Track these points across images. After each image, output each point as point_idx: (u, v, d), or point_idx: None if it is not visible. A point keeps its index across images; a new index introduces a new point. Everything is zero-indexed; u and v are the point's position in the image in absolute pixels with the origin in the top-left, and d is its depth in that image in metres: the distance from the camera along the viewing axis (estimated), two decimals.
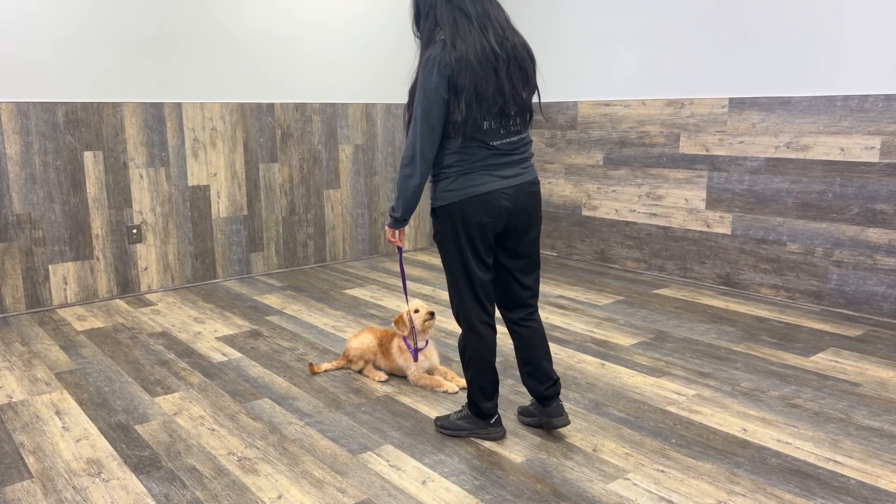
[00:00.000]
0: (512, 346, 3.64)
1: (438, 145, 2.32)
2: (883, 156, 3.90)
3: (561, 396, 2.99)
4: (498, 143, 2.34)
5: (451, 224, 2.37)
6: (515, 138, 2.38)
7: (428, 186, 2.43)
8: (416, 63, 2.35)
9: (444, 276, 3.46)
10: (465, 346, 2.51)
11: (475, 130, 2.28)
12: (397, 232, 2.50)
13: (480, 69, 2.22)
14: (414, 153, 2.30)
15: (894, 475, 2.34)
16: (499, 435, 2.60)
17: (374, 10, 5.47)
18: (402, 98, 5.72)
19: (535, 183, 2.46)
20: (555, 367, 3.33)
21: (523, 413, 2.75)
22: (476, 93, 2.22)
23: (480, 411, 2.56)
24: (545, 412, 2.59)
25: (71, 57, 4.23)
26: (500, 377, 3.21)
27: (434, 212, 2.43)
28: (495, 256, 2.48)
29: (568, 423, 2.57)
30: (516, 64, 2.31)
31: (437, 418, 2.71)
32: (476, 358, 2.49)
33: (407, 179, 2.34)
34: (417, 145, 2.29)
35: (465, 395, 2.80)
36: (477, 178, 2.33)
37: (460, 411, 2.66)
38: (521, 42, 2.34)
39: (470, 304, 2.45)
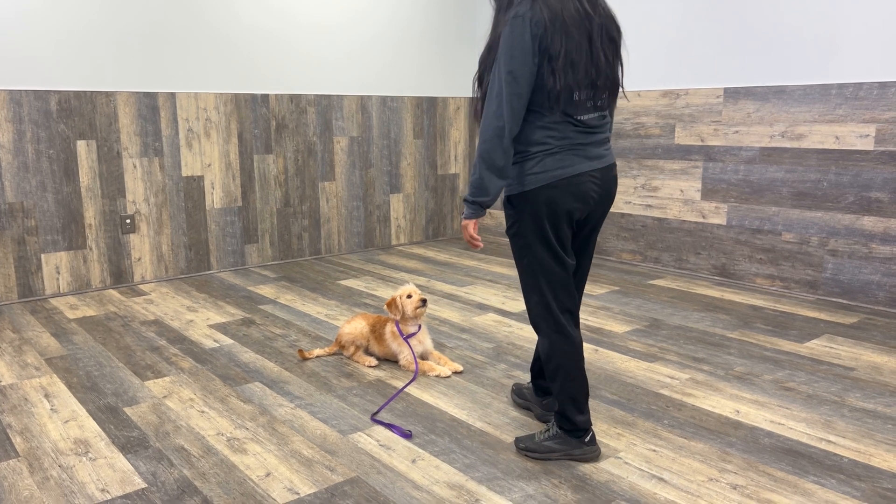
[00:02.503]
0: (502, 334, 3.62)
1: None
2: (878, 143, 3.89)
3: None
4: (586, 117, 2.08)
5: (534, 213, 2.09)
6: (600, 114, 2.12)
7: None
8: (492, 27, 2.07)
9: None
10: (550, 353, 2.21)
11: (567, 103, 2.02)
12: (473, 224, 2.17)
13: (575, 32, 1.97)
14: (499, 127, 1.99)
15: (887, 454, 2.33)
16: (595, 455, 2.28)
17: (370, 2, 5.47)
18: (398, 91, 5.72)
19: (616, 167, 2.22)
20: None
21: (517, 393, 2.70)
22: (570, 59, 1.97)
23: (574, 426, 2.25)
24: (539, 403, 2.57)
25: (64, 45, 4.21)
26: (492, 361, 3.20)
27: (510, 200, 2.14)
28: None
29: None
30: (607, 33, 2.07)
31: (519, 440, 2.36)
32: (565, 365, 2.20)
33: (490, 159, 2.02)
34: (505, 115, 1.97)
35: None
36: (566, 159, 2.06)
37: (547, 430, 2.33)
38: (611, 10, 2.10)
39: (556, 304, 2.17)
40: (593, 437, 2.29)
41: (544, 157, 2.06)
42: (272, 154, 5.15)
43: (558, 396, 2.24)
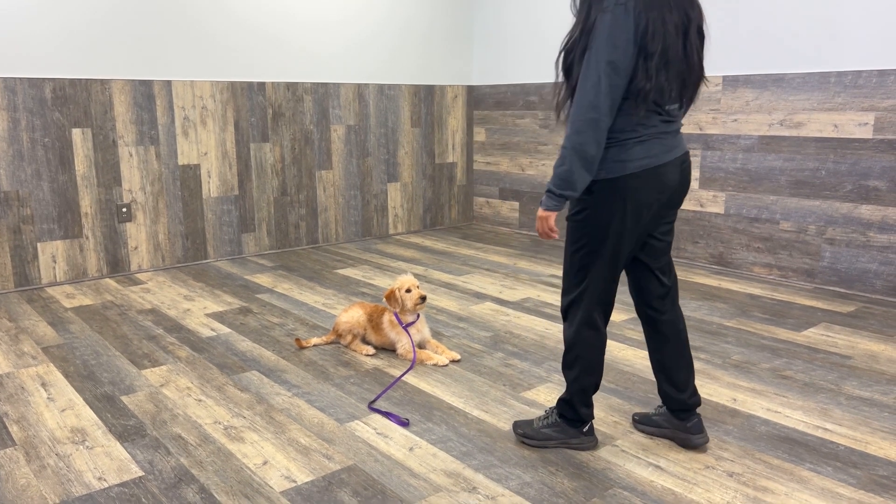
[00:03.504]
0: (500, 323, 3.62)
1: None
2: (876, 132, 3.88)
3: (551, 369, 2.98)
4: (671, 107, 2.02)
5: (616, 202, 2.01)
6: (680, 104, 2.05)
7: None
8: (583, 12, 1.94)
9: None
10: (574, 342, 2.17)
11: (658, 96, 1.95)
12: (553, 217, 2.07)
13: (672, 28, 1.91)
14: (594, 119, 1.89)
15: (883, 441, 2.33)
16: (592, 444, 2.29)
17: None
18: (395, 79, 5.69)
19: (689, 155, 2.15)
20: (544, 342, 3.32)
21: (644, 422, 2.42)
22: (665, 59, 1.91)
23: (578, 416, 2.24)
24: (682, 427, 2.28)
25: (58, 32, 4.18)
26: (490, 350, 3.19)
27: (588, 185, 2.02)
28: None
29: (707, 441, 2.28)
30: (698, 26, 1.99)
31: (518, 425, 2.36)
32: (587, 356, 2.17)
33: (582, 151, 1.92)
34: (602, 107, 1.88)
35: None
36: (653, 148, 2.00)
37: (546, 417, 2.32)
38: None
39: (600, 296, 2.12)
40: (592, 427, 2.29)
41: (634, 144, 1.99)
42: (269, 142, 5.12)
43: (570, 385, 2.22)
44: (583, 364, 2.18)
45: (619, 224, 2.03)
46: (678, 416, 2.29)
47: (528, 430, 2.32)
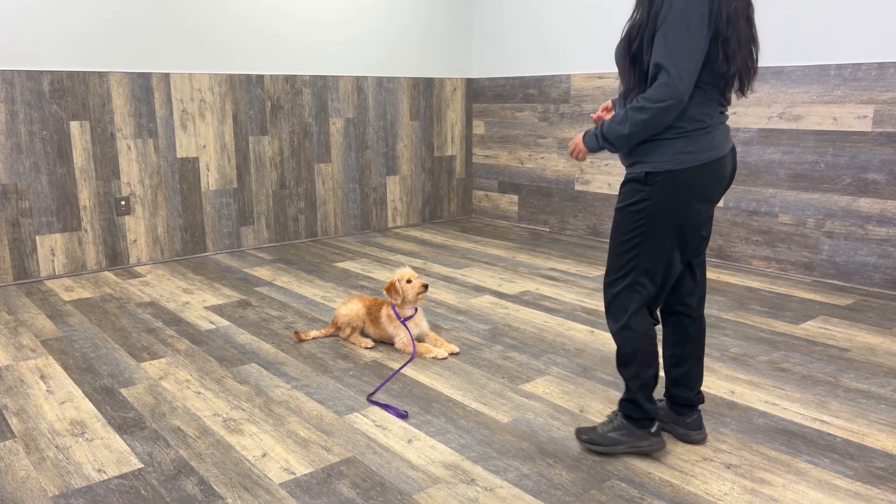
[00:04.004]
0: (499, 316, 3.62)
1: None
2: (875, 125, 3.88)
3: (550, 362, 2.99)
4: (729, 96, 1.99)
5: (679, 196, 1.94)
6: (746, 91, 2.00)
7: (638, 148, 1.98)
8: (640, 4, 1.93)
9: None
10: (624, 339, 2.08)
11: (726, 83, 1.91)
12: (585, 153, 2.11)
13: (741, 12, 1.88)
14: (670, 104, 1.83)
15: (880, 433, 2.34)
16: (661, 446, 2.17)
17: None
18: (394, 72, 5.68)
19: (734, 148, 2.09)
20: (543, 335, 3.32)
21: None
22: (738, 41, 1.87)
23: (645, 414, 2.14)
24: (682, 423, 2.27)
25: (56, 24, 4.16)
26: (489, 343, 3.20)
27: (650, 177, 1.95)
28: None
29: (706, 437, 2.28)
30: (750, 14, 1.95)
31: (582, 431, 2.24)
32: (642, 350, 2.08)
33: (644, 127, 1.89)
34: (680, 87, 1.81)
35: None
36: (716, 139, 1.94)
37: (610, 422, 2.21)
38: None
39: (652, 295, 2.05)
40: (659, 428, 2.18)
41: (701, 135, 1.92)
42: (267, 135, 5.11)
43: (630, 383, 2.12)
44: (642, 359, 2.08)
45: (681, 219, 1.96)
46: (678, 412, 2.28)
47: (592, 435, 2.21)
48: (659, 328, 2.79)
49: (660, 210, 1.96)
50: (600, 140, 2.01)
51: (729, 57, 1.86)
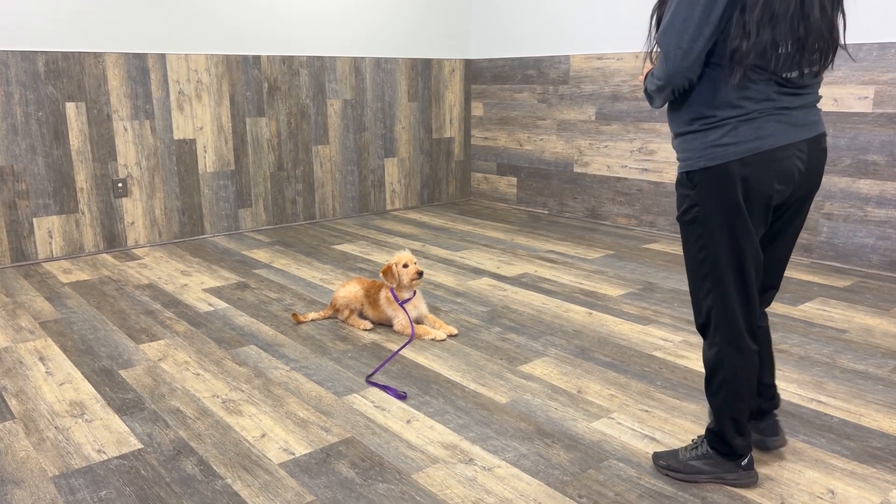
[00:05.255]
0: (497, 298, 3.62)
1: (700, 73, 1.68)
2: (876, 105, 3.86)
3: (548, 343, 2.99)
4: (793, 75, 1.67)
5: (722, 195, 1.71)
6: (811, 71, 1.70)
7: (676, 142, 1.81)
8: None
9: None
10: (717, 364, 1.86)
11: (760, 56, 1.62)
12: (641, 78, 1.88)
13: None
14: (664, 79, 1.69)
15: (877, 413, 2.35)
16: (753, 481, 1.94)
17: None
18: (392, 52, 5.63)
19: (826, 137, 1.80)
20: (541, 317, 3.32)
21: None
22: (769, 11, 1.59)
23: (731, 450, 1.92)
24: (756, 428, 2.06)
25: (51, 4, 4.12)
26: (487, 325, 3.20)
27: (689, 177, 1.76)
28: None
29: (785, 443, 2.08)
30: None
31: (659, 456, 2.04)
32: (734, 380, 1.85)
33: (653, 94, 1.77)
34: (673, 67, 1.65)
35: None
36: (766, 127, 1.67)
37: (694, 448, 1.99)
38: None
39: (737, 307, 1.80)
40: (751, 460, 1.95)
41: (738, 124, 1.67)
42: (265, 117, 5.08)
43: (717, 413, 1.91)
44: (729, 389, 1.86)
45: (733, 221, 1.72)
46: (755, 417, 2.06)
47: (672, 462, 2.01)
48: None
49: (711, 214, 1.74)
50: (653, 90, 1.79)
51: (748, 28, 1.59)
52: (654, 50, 1.76)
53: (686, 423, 2.30)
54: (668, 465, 2.01)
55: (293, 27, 5.09)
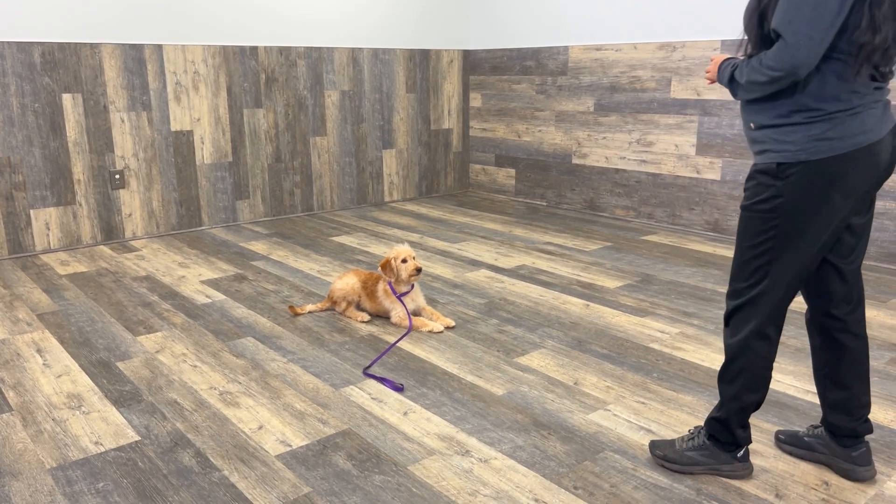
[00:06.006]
0: (494, 290, 3.62)
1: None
2: None
3: (545, 335, 3.00)
4: (887, 69, 1.67)
5: (818, 190, 1.67)
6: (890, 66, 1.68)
7: (763, 133, 1.73)
8: None
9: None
10: (738, 353, 1.85)
11: (883, 52, 1.60)
12: (710, 73, 1.85)
13: None
14: (784, 70, 1.59)
15: (873, 405, 2.36)
16: (747, 472, 1.96)
17: None
18: (390, 43, 5.61)
19: None
20: (538, 309, 3.33)
21: (792, 442, 2.09)
22: (894, 7, 1.58)
23: (733, 439, 1.93)
24: (846, 455, 1.94)
25: None
26: (484, 317, 3.20)
27: (781, 168, 1.70)
28: None
29: (874, 474, 1.94)
30: None
31: (655, 446, 2.05)
32: (752, 369, 1.85)
33: (756, 86, 1.67)
34: (797, 58, 1.56)
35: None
36: (867, 121, 1.65)
37: (691, 439, 2.00)
38: None
39: (777, 301, 1.79)
40: (747, 452, 1.96)
41: (846, 118, 1.63)
42: (262, 108, 5.07)
43: (727, 402, 1.90)
44: (746, 379, 1.85)
45: (820, 216, 1.69)
46: (841, 443, 1.96)
47: (668, 451, 2.01)
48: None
49: (795, 208, 1.70)
50: (726, 77, 1.76)
51: (876, 22, 1.56)
52: (744, 38, 1.73)
53: (682, 415, 2.30)
54: (665, 455, 2.01)
55: (290, 18, 5.06)
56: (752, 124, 1.77)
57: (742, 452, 1.95)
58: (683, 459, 1.98)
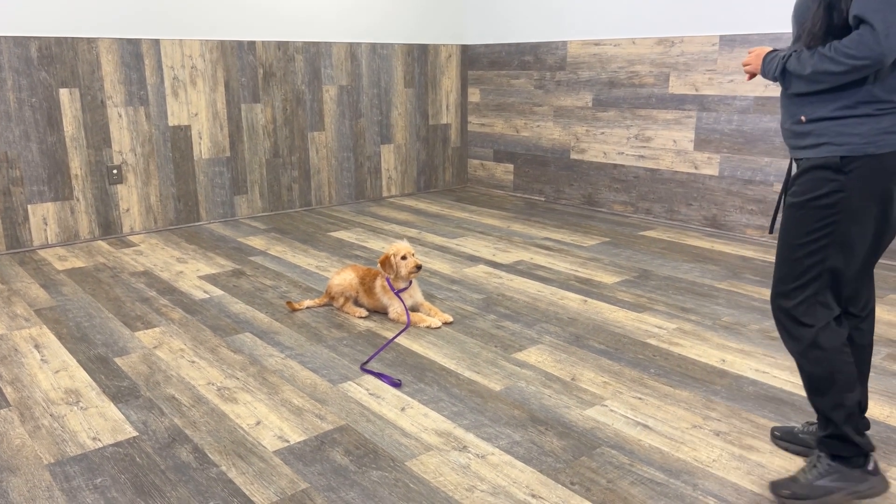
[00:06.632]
0: (492, 285, 3.62)
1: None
2: None
3: (542, 331, 3.00)
4: None
5: (881, 184, 1.65)
6: None
7: (821, 125, 1.68)
8: None
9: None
10: (816, 363, 1.75)
11: None
12: (755, 71, 1.82)
13: None
14: (872, 58, 1.53)
15: (870, 401, 2.35)
16: (884, 487, 1.80)
17: None
18: (388, 39, 5.60)
19: None
20: (536, 304, 3.33)
21: (787, 438, 2.07)
22: None
23: (857, 450, 1.78)
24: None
25: None
26: (482, 312, 3.21)
27: (844, 162, 1.65)
28: None
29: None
30: None
31: (778, 486, 1.85)
32: (840, 372, 1.73)
33: (829, 76, 1.61)
34: (885, 47, 1.52)
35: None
36: None
37: (814, 466, 1.83)
38: None
39: (839, 297, 1.77)
40: (876, 465, 1.80)
41: None
42: (260, 103, 5.06)
43: (831, 415, 1.76)
44: (843, 380, 1.74)
45: (880, 210, 1.66)
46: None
47: (796, 489, 1.81)
48: None
49: (857, 203, 1.65)
50: (778, 69, 1.71)
51: None
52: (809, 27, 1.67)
53: (679, 411, 2.31)
54: (794, 493, 1.81)
55: (288, 12, 5.05)
56: (802, 117, 1.71)
57: (872, 465, 1.80)
58: (817, 492, 1.79)
